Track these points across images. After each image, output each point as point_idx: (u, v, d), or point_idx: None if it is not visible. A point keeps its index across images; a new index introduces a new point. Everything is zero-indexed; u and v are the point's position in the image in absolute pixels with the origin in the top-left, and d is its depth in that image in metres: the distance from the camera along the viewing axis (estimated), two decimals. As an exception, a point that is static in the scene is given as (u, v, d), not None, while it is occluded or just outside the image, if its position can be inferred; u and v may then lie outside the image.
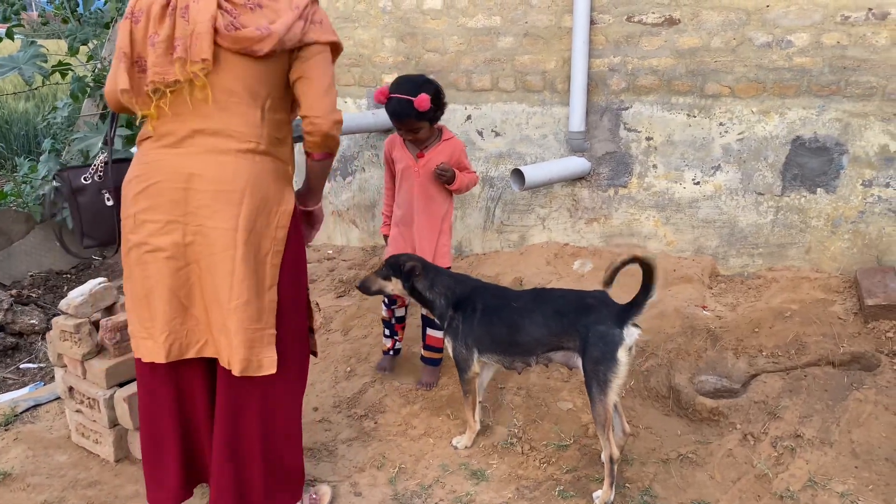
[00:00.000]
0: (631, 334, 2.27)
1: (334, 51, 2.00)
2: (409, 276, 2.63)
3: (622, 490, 2.43)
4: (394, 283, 2.68)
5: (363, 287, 2.76)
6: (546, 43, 3.85)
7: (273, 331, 1.98)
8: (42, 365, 3.67)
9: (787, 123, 3.49)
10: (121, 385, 2.65)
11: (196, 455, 2.19)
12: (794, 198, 3.55)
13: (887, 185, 3.38)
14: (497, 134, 4.12)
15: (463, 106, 4.16)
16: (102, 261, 4.91)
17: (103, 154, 2.29)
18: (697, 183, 3.71)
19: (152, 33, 1.83)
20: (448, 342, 2.65)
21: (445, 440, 2.77)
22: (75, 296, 2.63)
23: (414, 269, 2.63)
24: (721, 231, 3.72)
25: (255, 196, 1.91)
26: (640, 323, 2.30)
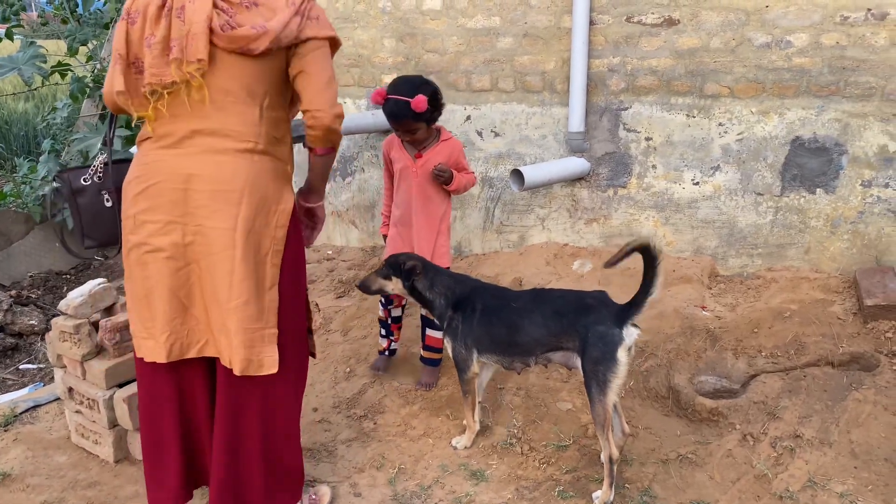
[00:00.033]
0: (630, 334, 2.28)
1: (333, 46, 1.99)
2: (410, 275, 2.63)
3: (622, 490, 2.43)
4: (394, 283, 2.68)
5: (363, 286, 2.76)
6: (545, 43, 3.85)
7: (274, 330, 1.99)
8: (41, 366, 3.67)
9: (786, 124, 3.49)
10: (120, 386, 2.65)
11: (196, 455, 2.19)
12: (793, 198, 3.56)
13: (886, 185, 3.38)
14: (496, 134, 4.12)
15: (462, 106, 4.16)
16: (104, 261, 4.90)
17: (103, 155, 2.29)
18: (697, 183, 3.71)
19: (148, 35, 1.83)
20: (447, 342, 2.65)
21: (445, 440, 2.77)
22: (75, 296, 2.63)
23: (414, 268, 2.63)
24: (720, 231, 3.72)
25: (254, 196, 1.91)
26: (639, 323, 2.31)
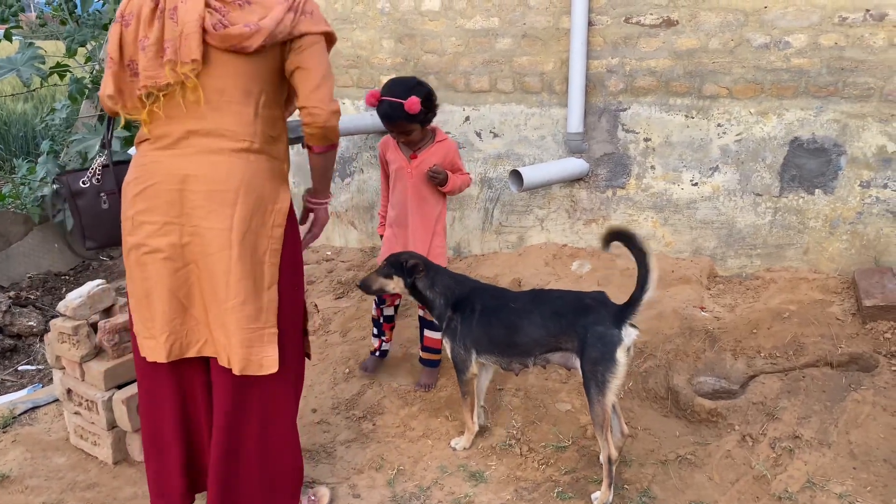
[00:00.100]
0: (629, 335, 2.28)
1: (328, 41, 1.98)
2: (412, 273, 2.62)
3: (621, 491, 2.43)
4: (395, 282, 2.67)
5: (364, 286, 2.75)
6: (544, 44, 3.85)
7: (274, 329, 1.98)
8: (40, 367, 3.66)
9: (785, 124, 3.49)
10: (119, 387, 2.65)
11: (197, 456, 2.19)
12: (792, 199, 3.56)
13: (885, 185, 3.39)
14: (495, 135, 4.12)
15: (461, 107, 4.16)
16: (103, 262, 4.90)
17: (101, 157, 2.29)
18: (696, 184, 3.71)
19: (142, 37, 1.83)
20: (446, 343, 2.65)
21: (444, 441, 2.77)
22: (74, 298, 2.63)
23: (416, 266, 2.62)
24: (719, 232, 3.72)
25: (250, 195, 1.90)
26: (638, 324, 2.31)
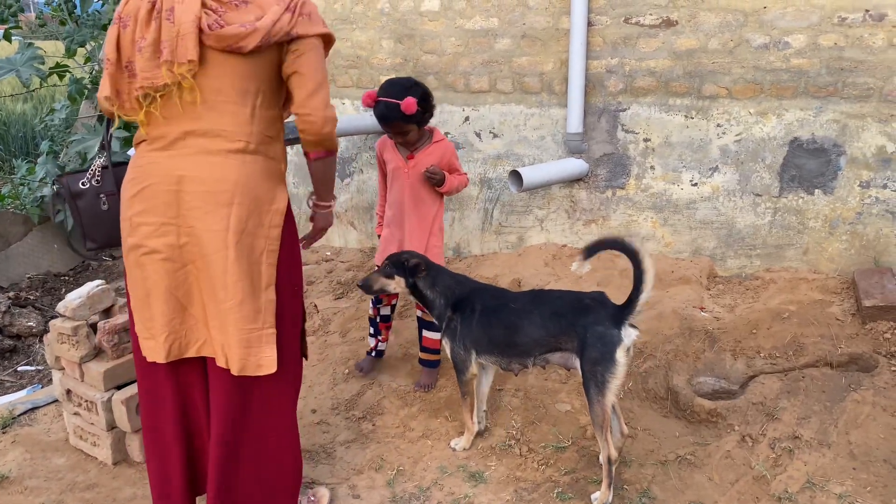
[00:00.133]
0: (629, 335, 2.28)
1: (326, 43, 1.98)
2: (415, 272, 2.62)
3: (620, 492, 2.42)
4: (397, 282, 2.66)
5: (365, 286, 2.73)
6: (544, 44, 3.85)
7: (272, 330, 1.97)
8: (40, 367, 3.66)
9: (784, 125, 3.49)
10: (119, 387, 2.65)
11: (197, 458, 2.19)
12: (791, 199, 3.56)
13: (884, 186, 3.39)
14: (495, 135, 4.12)
15: (461, 107, 4.16)
16: (103, 263, 4.90)
17: (101, 159, 2.29)
18: (695, 184, 3.71)
19: (139, 38, 1.83)
20: (446, 343, 2.65)
21: (444, 442, 2.76)
22: (73, 298, 2.63)
23: (419, 266, 2.62)
24: (719, 232, 3.72)
25: (246, 196, 1.90)
26: (638, 324, 2.31)
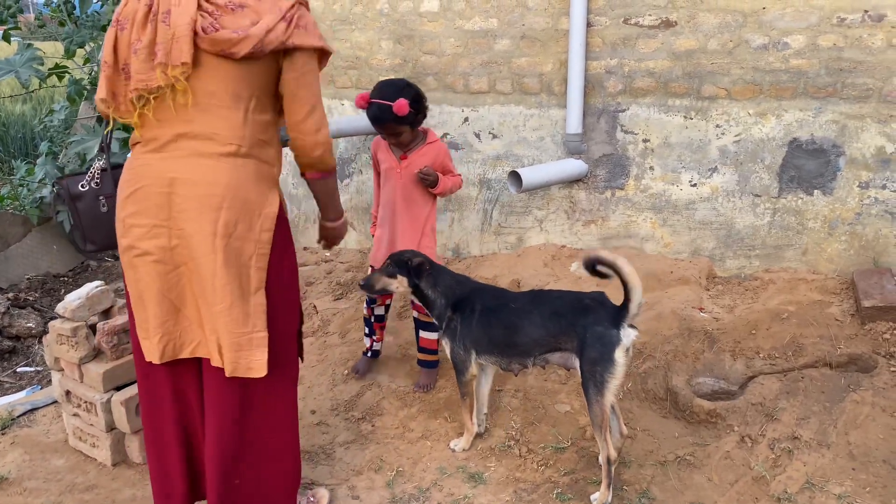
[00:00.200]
0: (628, 335, 2.28)
1: (323, 56, 1.98)
2: (419, 271, 2.61)
3: (620, 492, 2.43)
4: (399, 281, 2.64)
5: (367, 285, 2.72)
6: (543, 45, 3.85)
7: (263, 333, 1.96)
8: (39, 368, 3.66)
9: (783, 125, 3.49)
10: (118, 388, 2.65)
11: (197, 459, 2.19)
12: (790, 199, 3.56)
13: (884, 186, 3.39)
14: (494, 136, 4.12)
15: (460, 108, 4.16)
16: (102, 263, 4.90)
17: (100, 161, 2.29)
18: (694, 185, 3.71)
19: (135, 40, 1.83)
20: (446, 343, 2.65)
21: (443, 443, 2.76)
22: (72, 299, 2.63)
23: (423, 265, 2.61)
24: (718, 233, 3.72)
25: (236, 200, 1.89)
26: (637, 324, 2.31)
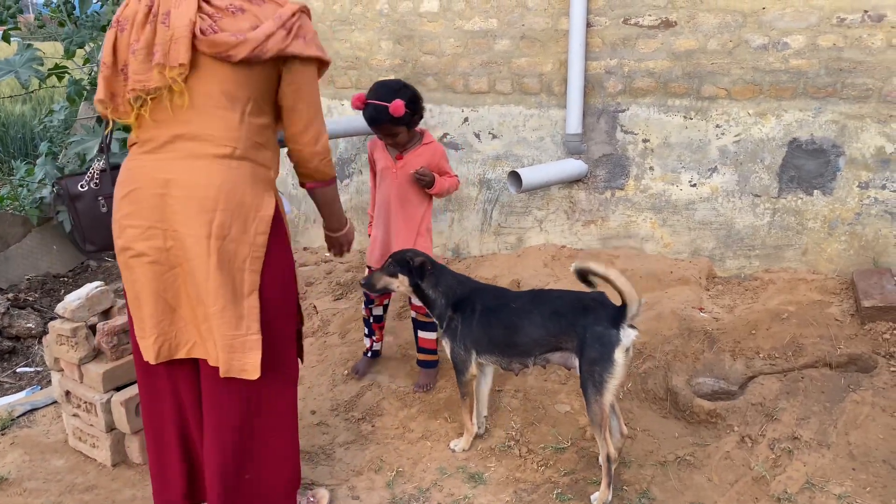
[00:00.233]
0: (628, 335, 2.28)
1: (322, 65, 1.98)
2: (421, 271, 2.61)
3: (620, 493, 2.43)
4: (400, 280, 2.64)
5: (368, 284, 2.71)
6: (543, 45, 3.85)
7: (256, 336, 1.95)
8: (39, 369, 3.66)
9: (783, 125, 3.49)
10: (118, 389, 2.65)
11: (196, 459, 2.18)
12: (790, 200, 3.56)
13: (883, 186, 3.39)
14: (494, 136, 4.12)
15: (460, 108, 4.17)
16: (102, 264, 4.90)
17: (99, 161, 2.29)
18: (694, 185, 3.71)
19: (134, 41, 1.83)
20: (446, 343, 2.65)
21: (443, 443, 2.76)
22: (72, 299, 2.63)
23: (425, 264, 2.61)
24: (718, 233, 3.72)
25: (231, 202, 1.88)
26: (637, 324, 2.31)
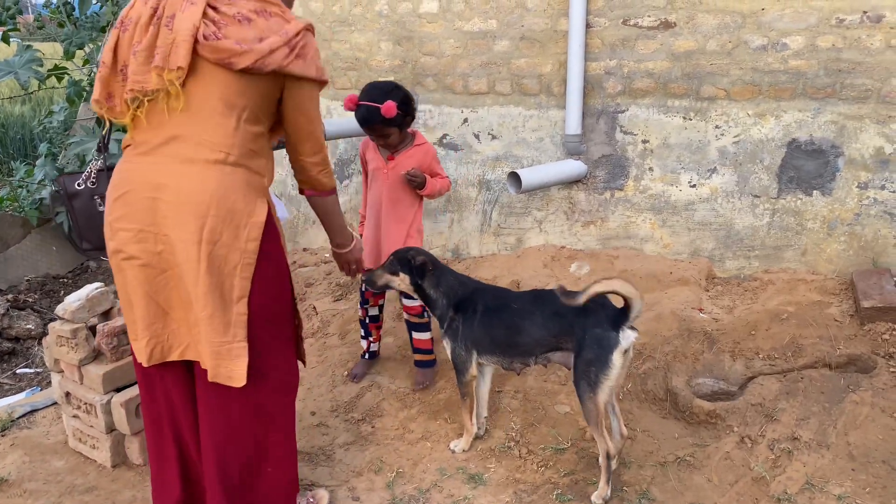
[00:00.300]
0: (627, 337, 2.28)
1: (318, 86, 1.99)
2: (422, 270, 2.60)
3: (620, 493, 2.43)
4: (401, 278, 2.64)
5: (369, 282, 2.71)
6: (542, 46, 3.85)
7: (242, 343, 1.94)
8: (39, 370, 3.66)
9: (782, 126, 3.49)
10: (118, 390, 2.65)
11: (192, 462, 2.18)
12: (790, 200, 3.56)
13: (882, 187, 3.39)
14: (494, 137, 4.12)
15: (459, 109, 4.17)
16: (102, 264, 4.90)
17: (98, 161, 2.29)
18: (693, 185, 3.72)
19: (136, 42, 1.83)
20: (447, 343, 2.64)
21: (443, 444, 2.76)
22: (72, 301, 2.63)
23: (426, 264, 2.61)
24: (717, 233, 3.72)
25: (222, 208, 1.87)
26: (636, 325, 2.31)
